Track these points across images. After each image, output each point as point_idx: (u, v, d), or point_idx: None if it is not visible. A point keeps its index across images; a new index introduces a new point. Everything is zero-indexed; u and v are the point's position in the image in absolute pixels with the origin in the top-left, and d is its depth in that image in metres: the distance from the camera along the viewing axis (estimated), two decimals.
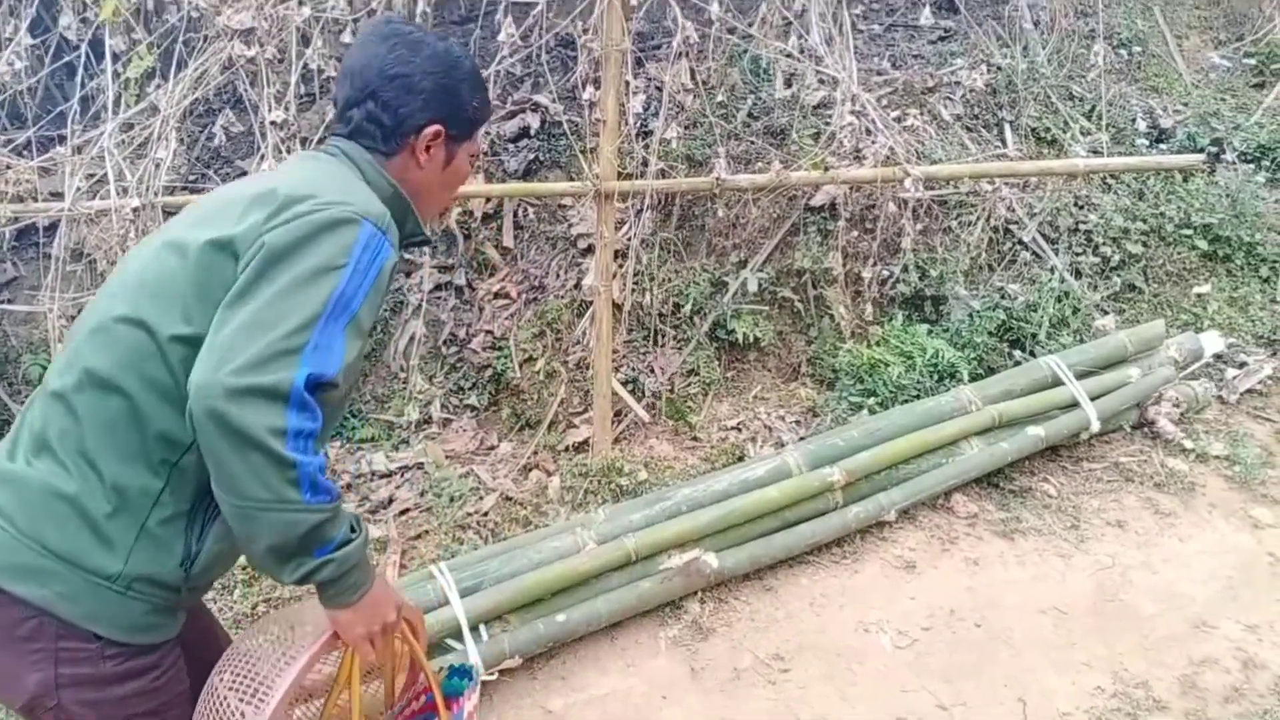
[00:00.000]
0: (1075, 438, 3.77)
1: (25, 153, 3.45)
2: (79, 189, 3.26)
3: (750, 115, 4.63)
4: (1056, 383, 3.74)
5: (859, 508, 3.31)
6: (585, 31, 3.39)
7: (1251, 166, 5.07)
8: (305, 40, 3.51)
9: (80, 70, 3.52)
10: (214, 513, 1.42)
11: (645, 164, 3.62)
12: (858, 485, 3.32)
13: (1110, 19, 5.80)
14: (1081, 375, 3.79)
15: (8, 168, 3.22)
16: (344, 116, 1.59)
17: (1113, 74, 5.52)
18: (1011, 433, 3.60)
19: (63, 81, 3.75)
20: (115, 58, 3.47)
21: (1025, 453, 3.63)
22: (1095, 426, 3.71)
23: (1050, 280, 4.46)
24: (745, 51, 4.76)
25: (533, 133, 4.65)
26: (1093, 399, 3.72)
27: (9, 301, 3.71)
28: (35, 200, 3.36)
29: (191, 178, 4.30)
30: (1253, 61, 5.87)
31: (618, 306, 4.05)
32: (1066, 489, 3.70)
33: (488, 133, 4.70)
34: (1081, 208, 4.73)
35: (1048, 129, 4.99)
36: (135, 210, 3.25)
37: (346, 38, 3.56)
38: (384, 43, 1.58)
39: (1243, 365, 4.32)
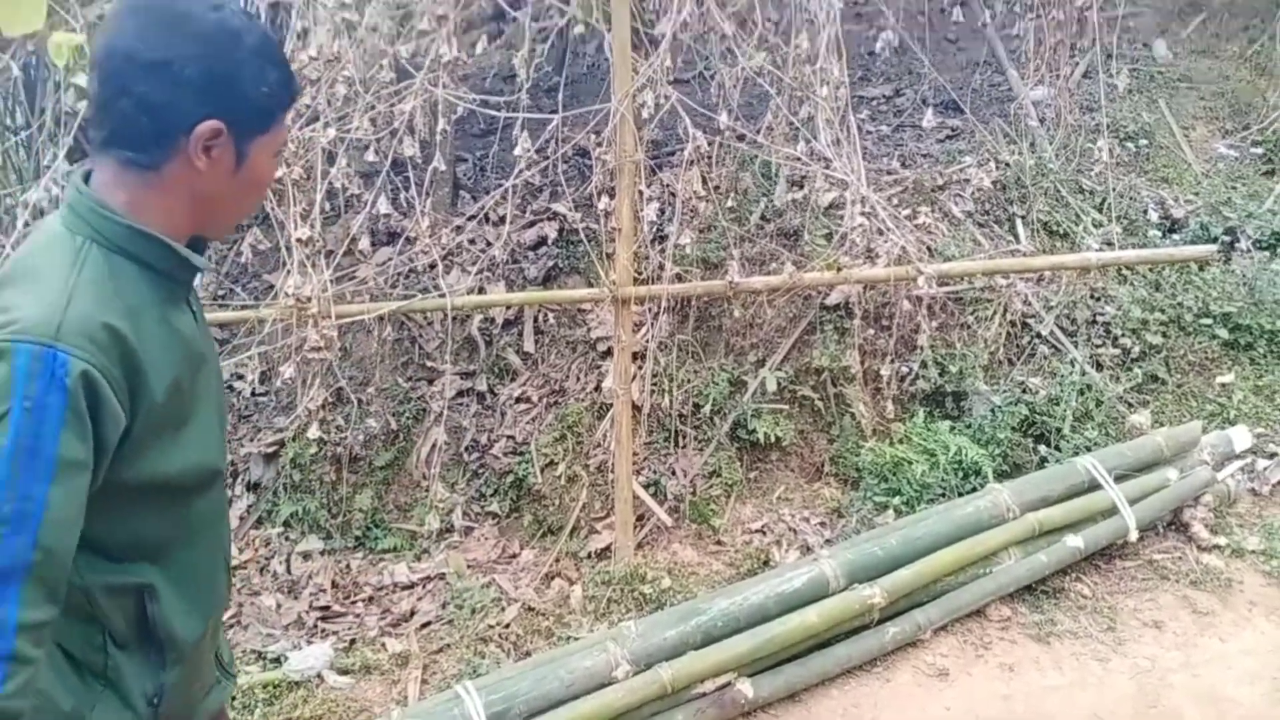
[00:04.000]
0: None
1: None
2: None
3: (763, 218, 4.71)
4: (1093, 485, 3.68)
5: (896, 628, 3.24)
6: (599, 145, 3.49)
7: (1266, 254, 5.08)
8: (330, 159, 3.63)
9: None
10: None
11: (661, 269, 3.68)
12: (895, 601, 3.26)
13: (1116, 113, 5.91)
14: (1119, 478, 3.74)
15: None
16: (97, 122, 1.27)
17: (1121, 166, 5.59)
18: (1049, 541, 3.54)
19: None
20: None
21: (1064, 564, 3.57)
22: (1134, 535, 3.65)
23: (1071, 373, 4.44)
24: (755, 157, 4.88)
25: (551, 241, 4.75)
26: (1131, 503, 3.67)
27: None
28: None
29: (220, 293, 4.40)
30: (1260, 150, 5.93)
31: (637, 408, 4.06)
32: (1101, 589, 3.62)
33: (508, 242, 4.81)
34: (1098, 299, 4.74)
35: (1059, 223, 5.04)
36: None
37: (370, 156, 3.68)
38: (135, 19, 1.24)
39: (1273, 456, 4.25)
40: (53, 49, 3.57)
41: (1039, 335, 4.56)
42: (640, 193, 3.51)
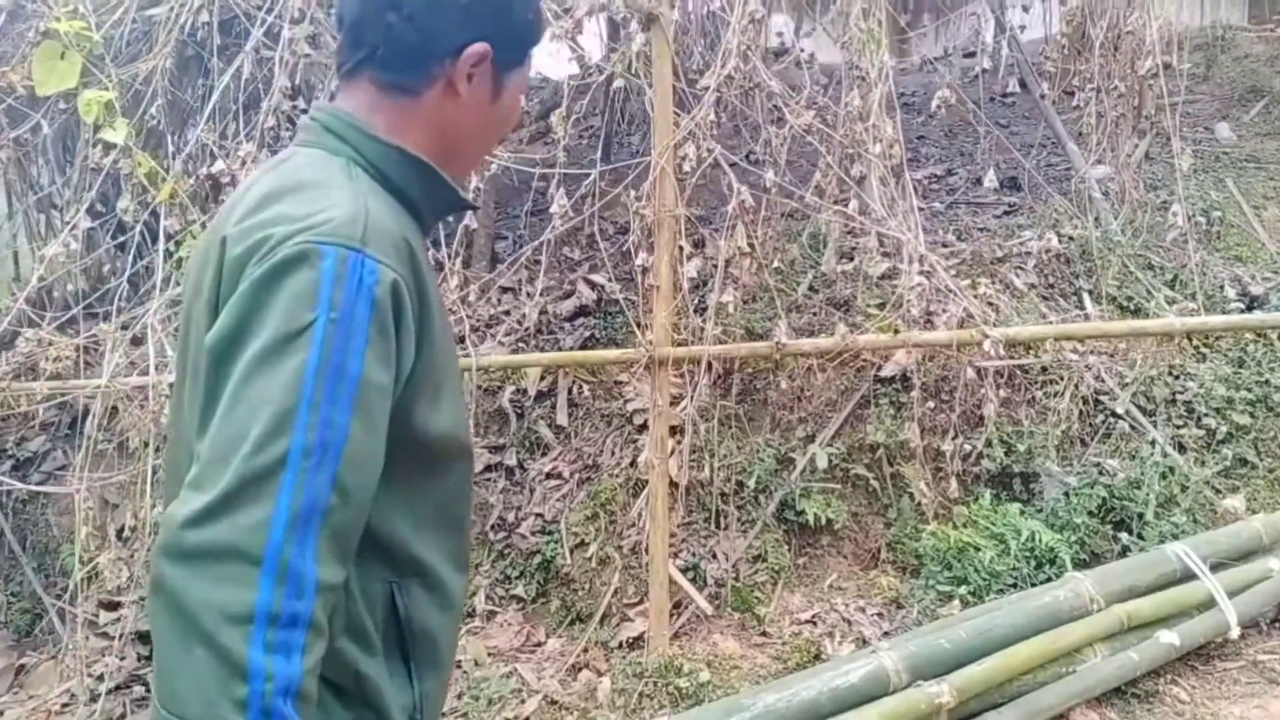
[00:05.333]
0: None
1: (70, 329, 3.41)
2: (118, 364, 3.17)
3: (811, 288, 4.47)
4: (1186, 575, 3.28)
5: None
6: (638, 199, 3.29)
7: None
8: None
9: (132, 250, 3.53)
10: None
11: (701, 330, 3.43)
12: (965, 702, 2.85)
13: (1183, 190, 5.64)
14: (1214, 567, 3.33)
15: (49, 344, 3.16)
16: (353, 41, 1.17)
17: (1191, 242, 5.29)
18: (1140, 637, 3.12)
19: (114, 261, 3.77)
20: (169, 237, 3.47)
21: (1157, 663, 3.15)
22: (1235, 632, 3.23)
23: (1152, 454, 4.06)
24: (804, 229, 4.67)
25: (590, 311, 4.55)
26: (1230, 595, 3.25)
27: (42, 483, 3.57)
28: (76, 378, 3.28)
29: None
30: None
31: (675, 485, 3.75)
32: (1200, 693, 3.18)
33: (545, 310, 4.61)
34: (1177, 377, 4.38)
35: (1130, 297, 4.72)
36: (171, 386, 3.13)
37: None
38: None
39: None
40: (83, 105, 3.51)
41: (1114, 414, 4.20)
42: (680, 249, 3.29)
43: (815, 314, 4.31)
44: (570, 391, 4.29)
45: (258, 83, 3.69)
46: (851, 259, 4.35)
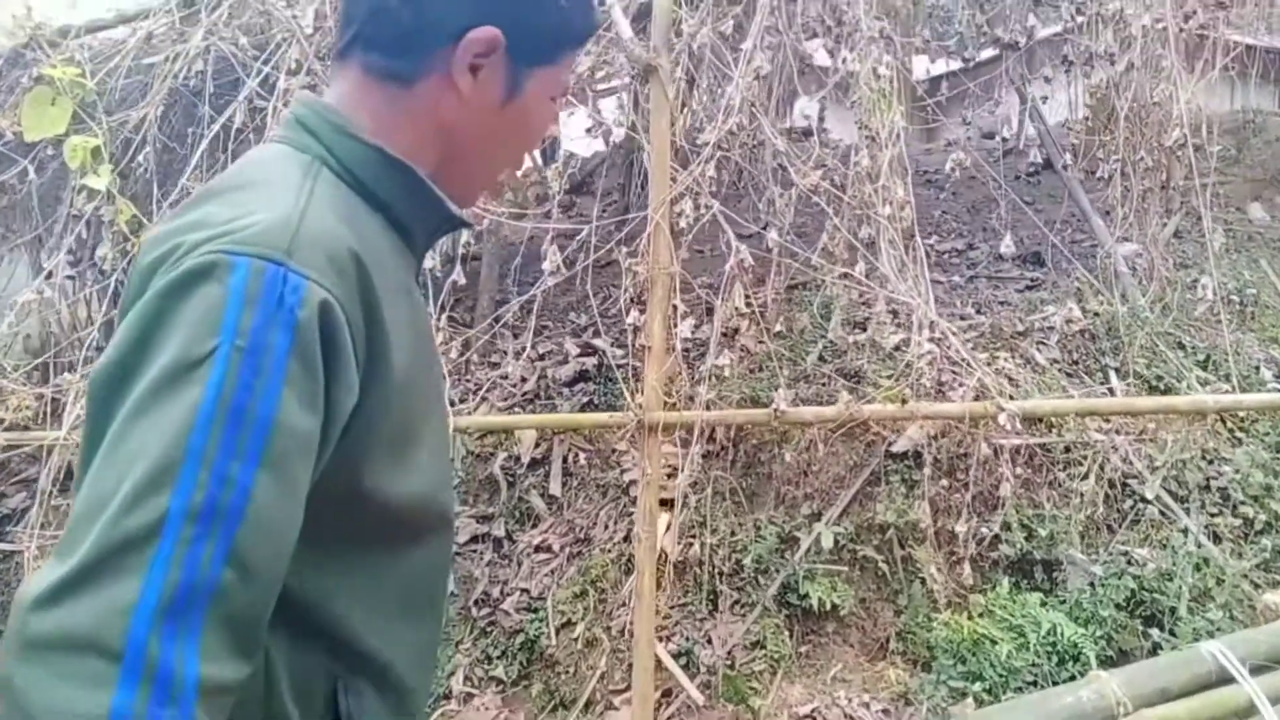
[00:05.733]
0: None
1: (34, 375, 3.28)
2: (79, 416, 3.01)
3: (820, 358, 4.27)
4: (1223, 678, 2.96)
5: None
6: (632, 254, 3.14)
7: None
8: None
9: (108, 299, 3.41)
10: None
11: (693, 397, 3.23)
12: None
13: (1216, 268, 5.42)
14: (1254, 669, 3.02)
15: (11, 393, 3.01)
16: (345, 17, 1.00)
17: (1225, 322, 5.05)
18: None
19: (90, 309, 3.67)
20: None
21: None
22: None
23: (1184, 544, 3.76)
24: (816, 297, 4.50)
25: (589, 377, 4.38)
26: (1273, 702, 2.93)
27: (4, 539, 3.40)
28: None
29: None
30: None
31: (668, 561, 3.52)
32: None
33: (543, 376, 4.44)
34: (1211, 461, 4.10)
35: (1159, 376, 4.47)
36: None
37: None
38: None
39: None
40: (69, 151, 3.44)
41: (1144, 499, 3.92)
42: (674, 307, 3.11)
43: (825, 384, 4.10)
44: (566, 460, 4.08)
45: (249, 132, 3.62)
46: (865, 329, 4.16)
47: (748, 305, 3.18)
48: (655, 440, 3.07)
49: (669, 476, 3.46)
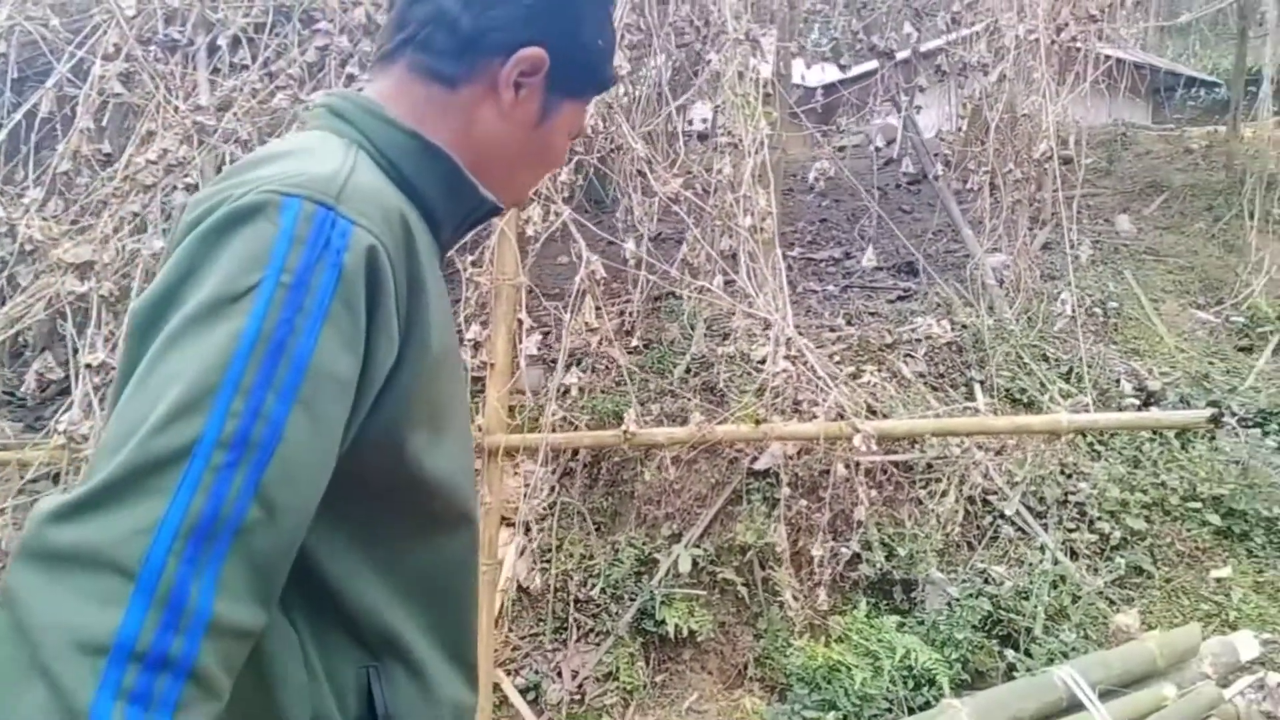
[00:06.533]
0: None
1: None
2: None
3: (687, 371, 4.13)
4: (1074, 705, 2.93)
5: None
6: (476, 264, 2.93)
7: (1257, 431, 4.52)
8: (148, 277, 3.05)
9: None
10: None
11: (537, 418, 3.04)
12: None
13: (1081, 281, 5.50)
14: (1104, 694, 3.00)
15: None
16: (398, 21, 0.99)
17: (1089, 334, 5.12)
18: None
19: None
20: None
21: None
22: None
23: (1041, 561, 3.75)
24: (686, 309, 4.37)
25: None
26: None
27: None
28: None
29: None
30: (1240, 321, 5.52)
31: (522, 590, 3.33)
32: None
33: None
34: (1070, 476, 4.12)
35: (1023, 390, 4.48)
36: None
37: None
38: None
39: None
40: None
41: (1003, 515, 3.90)
42: (520, 321, 2.92)
43: (690, 399, 3.97)
44: None
45: (56, 122, 3.28)
46: (727, 337, 4.04)
47: (606, 319, 3.00)
48: (496, 465, 2.87)
49: (526, 499, 3.27)
